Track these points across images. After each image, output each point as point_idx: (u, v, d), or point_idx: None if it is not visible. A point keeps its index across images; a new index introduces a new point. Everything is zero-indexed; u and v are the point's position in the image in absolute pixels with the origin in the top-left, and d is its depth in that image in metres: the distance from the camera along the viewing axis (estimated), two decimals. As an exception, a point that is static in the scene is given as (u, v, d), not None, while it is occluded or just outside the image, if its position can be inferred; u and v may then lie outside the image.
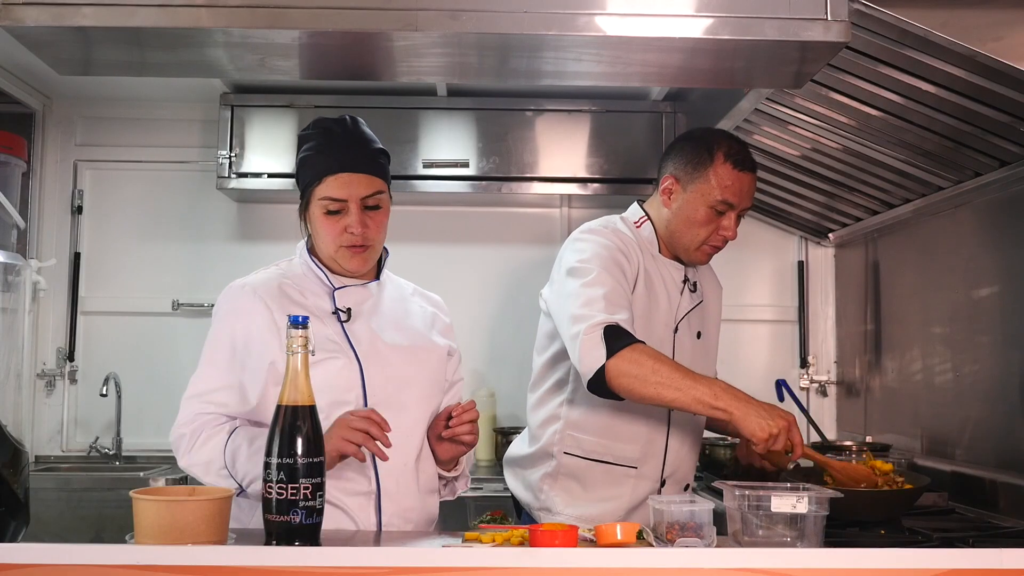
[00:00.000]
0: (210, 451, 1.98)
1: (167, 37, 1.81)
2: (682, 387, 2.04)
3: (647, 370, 2.05)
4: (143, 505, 1.62)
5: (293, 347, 1.69)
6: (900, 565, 1.44)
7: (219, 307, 2.06)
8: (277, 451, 1.65)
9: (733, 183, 2.29)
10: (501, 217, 4.17)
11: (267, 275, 2.08)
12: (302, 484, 1.64)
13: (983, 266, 2.85)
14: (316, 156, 2.02)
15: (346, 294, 2.07)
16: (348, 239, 2.02)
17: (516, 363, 3.96)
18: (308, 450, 1.65)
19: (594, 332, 2.11)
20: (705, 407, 2.04)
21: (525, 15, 1.76)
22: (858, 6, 2.01)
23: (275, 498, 1.65)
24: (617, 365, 2.07)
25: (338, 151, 2.01)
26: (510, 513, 2.51)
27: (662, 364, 2.07)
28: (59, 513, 3.31)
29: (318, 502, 1.66)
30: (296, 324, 1.69)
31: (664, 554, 1.54)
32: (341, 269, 2.08)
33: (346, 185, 2.00)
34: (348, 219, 2.01)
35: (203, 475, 1.99)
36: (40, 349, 4.02)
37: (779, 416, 2.01)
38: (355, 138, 2.04)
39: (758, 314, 4.14)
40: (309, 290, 2.07)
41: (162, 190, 4.11)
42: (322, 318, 2.03)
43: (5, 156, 3.04)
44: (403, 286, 2.24)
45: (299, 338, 1.69)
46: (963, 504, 2.73)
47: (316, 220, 2.04)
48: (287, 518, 1.64)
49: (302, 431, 1.66)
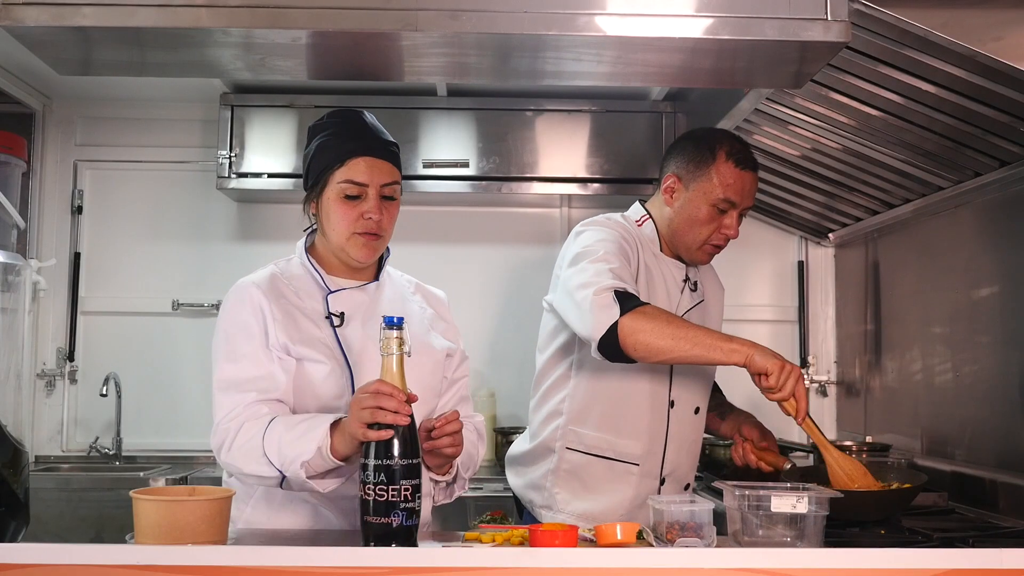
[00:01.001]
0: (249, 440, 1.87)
1: (167, 37, 1.81)
2: (697, 337, 2.05)
3: (662, 322, 2.06)
4: (143, 505, 1.62)
5: (389, 348, 1.67)
6: (900, 565, 1.44)
7: (228, 302, 2.03)
8: (375, 452, 1.64)
9: (735, 182, 2.29)
10: (501, 217, 4.17)
11: (264, 273, 2.06)
12: (402, 485, 1.63)
13: (983, 266, 2.85)
14: (337, 140, 2.00)
15: (340, 298, 2.05)
16: (363, 225, 2.00)
17: (516, 363, 3.96)
18: (406, 451, 1.64)
19: (605, 293, 2.11)
20: (721, 352, 2.04)
21: (525, 15, 1.76)
22: (858, 6, 2.01)
23: (374, 500, 1.63)
24: (630, 322, 2.06)
25: (362, 136, 2.01)
26: (510, 513, 2.51)
27: (675, 319, 2.11)
28: (59, 513, 3.31)
29: (417, 503, 1.65)
30: (391, 325, 1.67)
31: (664, 554, 1.54)
32: (343, 266, 2.06)
33: (368, 169, 1.99)
34: (366, 205, 1.99)
35: (244, 465, 1.87)
36: (40, 349, 4.03)
37: (787, 362, 2.03)
38: (376, 128, 2.05)
39: (758, 314, 4.14)
40: (304, 291, 2.04)
41: (162, 190, 4.11)
42: (315, 321, 2.01)
43: (5, 156, 3.03)
44: (403, 285, 2.21)
45: (395, 339, 1.68)
46: (963, 504, 2.73)
47: (332, 205, 2.00)
48: (387, 520, 1.62)
49: (399, 432, 1.65)
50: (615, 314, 2.07)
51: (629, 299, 2.10)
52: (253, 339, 1.96)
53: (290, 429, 1.85)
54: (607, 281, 2.13)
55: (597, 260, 2.20)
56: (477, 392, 3.91)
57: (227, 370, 1.95)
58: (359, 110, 2.07)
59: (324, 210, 2.03)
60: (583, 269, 2.20)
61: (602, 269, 2.17)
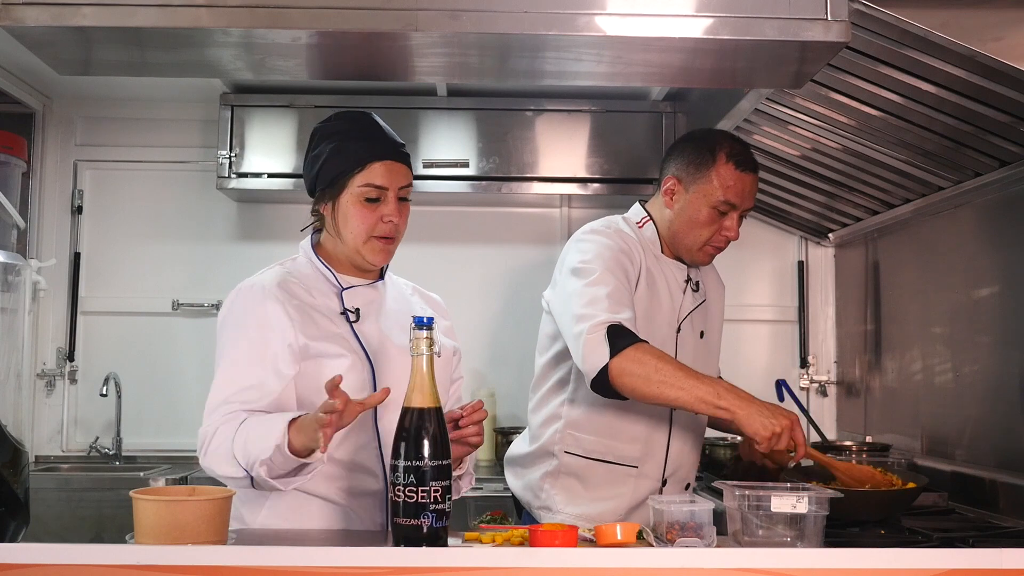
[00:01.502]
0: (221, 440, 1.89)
1: (167, 37, 1.81)
2: (685, 386, 2.04)
3: (650, 369, 2.05)
4: (143, 505, 1.62)
5: (420, 348, 1.66)
6: (900, 565, 1.44)
7: (230, 309, 2.01)
8: (404, 453, 1.62)
9: (735, 183, 2.29)
10: (501, 217, 4.17)
11: (272, 274, 2.04)
12: (432, 487, 1.61)
13: (983, 266, 2.85)
14: (355, 144, 2.00)
15: (354, 294, 2.06)
16: (382, 228, 2.01)
17: (517, 363, 3.96)
18: (436, 452, 1.63)
19: (597, 331, 2.11)
20: (708, 406, 2.04)
21: (525, 15, 1.76)
22: (858, 6, 2.01)
23: (404, 501, 1.62)
24: (620, 364, 2.07)
25: (380, 140, 2.02)
26: (510, 513, 2.51)
27: (665, 363, 2.07)
28: (59, 513, 3.31)
29: (447, 505, 1.64)
30: (421, 325, 1.66)
31: (664, 554, 1.54)
32: (351, 266, 2.07)
33: (387, 172, 2.00)
34: (385, 208, 2.00)
35: (218, 467, 1.89)
36: (40, 349, 4.03)
37: (782, 415, 2.01)
38: (389, 131, 2.05)
39: (758, 314, 4.15)
40: (316, 289, 2.04)
41: (162, 190, 4.11)
42: (331, 318, 2.01)
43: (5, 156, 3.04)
44: (403, 286, 2.23)
45: (424, 339, 1.66)
46: (963, 504, 2.73)
47: (350, 208, 2.00)
48: (417, 522, 1.61)
49: (429, 432, 1.64)
50: (605, 355, 2.08)
51: (622, 336, 2.10)
52: (252, 345, 1.95)
53: (254, 428, 1.85)
54: (601, 315, 2.13)
55: (594, 283, 2.19)
56: (477, 392, 3.91)
57: (220, 377, 1.95)
58: (368, 111, 2.07)
59: (341, 213, 2.02)
60: (580, 293, 2.19)
61: (599, 296, 2.16)
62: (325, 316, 2.00)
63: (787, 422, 2.00)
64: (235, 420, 1.90)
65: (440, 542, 1.64)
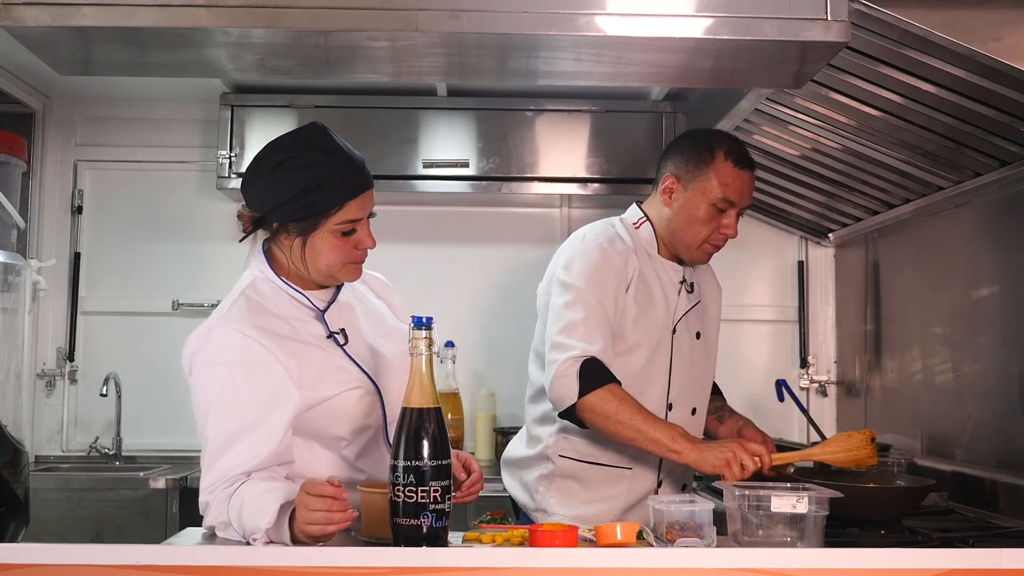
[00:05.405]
0: (219, 513, 1.83)
1: (167, 37, 1.81)
2: (641, 430, 2.17)
3: (611, 410, 2.18)
4: (371, 498, 1.75)
5: (419, 348, 1.67)
6: (900, 565, 1.44)
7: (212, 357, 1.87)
8: (404, 454, 1.63)
9: (734, 181, 2.30)
10: (501, 217, 4.16)
11: (238, 309, 1.91)
12: (431, 487, 1.62)
13: (983, 266, 2.85)
14: (331, 181, 1.87)
15: (332, 315, 1.98)
16: (358, 255, 1.96)
17: (516, 363, 3.94)
18: (435, 452, 1.63)
19: (570, 367, 2.20)
20: (662, 448, 2.17)
21: (525, 15, 1.77)
22: (858, 6, 2.01)
23: (403, 501, 1.62)
24: (586, 402, 2.20)
25: (351, 171, 1.90)
26: (510, 513, 2.51)
27: (626, 407, 2.18)
28: (59, 513, 3.31)
29: (447, 504, 1.64)
30: (420, 325, 1.67)
31: (664, 554, 1.54)
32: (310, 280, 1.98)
33: (363, 204, 1.92)
34: (359, 235, 1.93)
35: (219, 531, 1.85)
36: (40, 349, 4.02)
37: (726, 445, 2.12)
38: (350, 152, 1.93)
39: (758, 314, 4.14)
40: (293, 317, 1.94)
41: (162, 190, 4.11)
42: (320, 345, 1.94)
43: (5, 156, 3.04)
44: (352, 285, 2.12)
45: (423, 340, 1.67)
46: (963, 504, 2.73)
47: (326, 242, 1.91)
48: (417, 522, 1.62)
49: (429, 433, 1.64)
50: (574, 395, 2.20)
51: (593, 374, 2.20)
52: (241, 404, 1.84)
53: (249, 502, 1.77)
54: (576, 348, 2.21)
55: (572, 304, 2.26)
56: (477, 392, 3.91)
57: (211, 439, 1.86)
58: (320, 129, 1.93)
59: (313, 248, 1.92)
60: (560, 315, 2.28)
61: (575, 321, 2.24)
62: (313, 346, 1.93)
63: (733, 445, 2.11)
64: (231, 487, 1.83)
65: (440, 542, 1.64)
